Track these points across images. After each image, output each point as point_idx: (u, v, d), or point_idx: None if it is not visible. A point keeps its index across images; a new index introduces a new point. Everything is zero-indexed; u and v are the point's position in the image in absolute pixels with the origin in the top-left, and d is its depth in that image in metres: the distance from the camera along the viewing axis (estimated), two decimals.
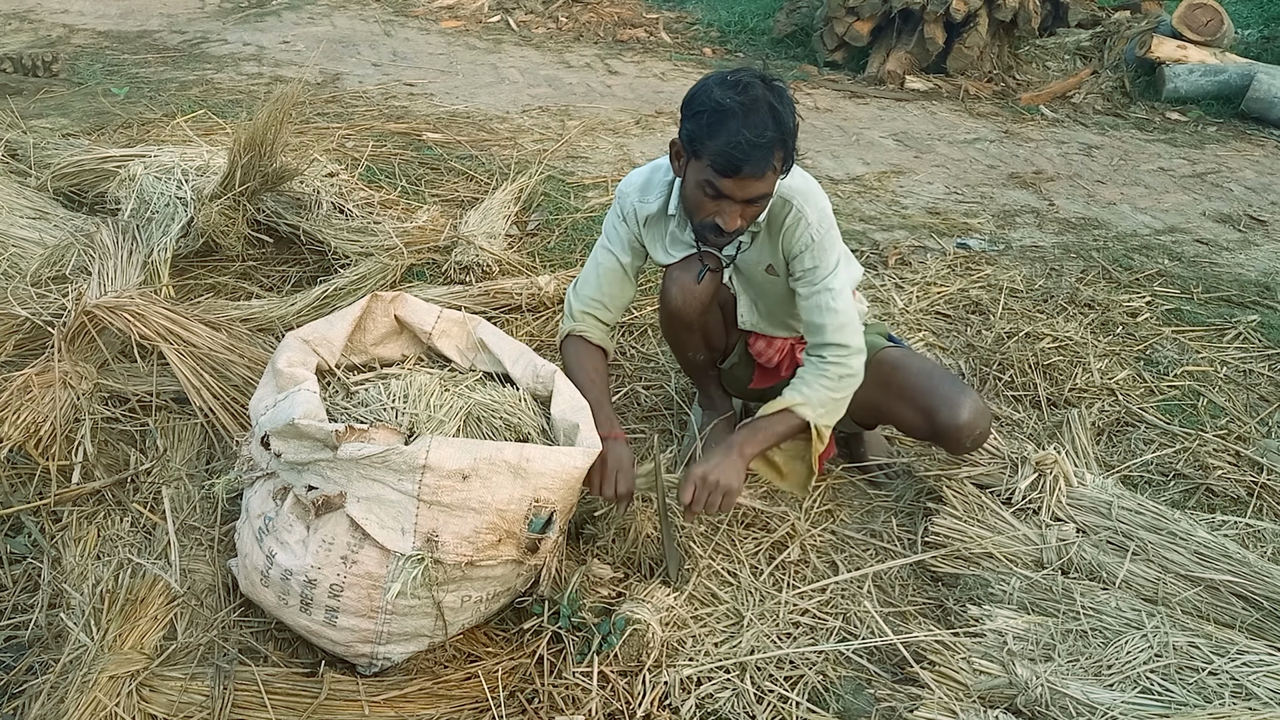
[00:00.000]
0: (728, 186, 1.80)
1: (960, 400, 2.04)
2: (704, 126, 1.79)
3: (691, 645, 1.87)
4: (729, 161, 1.76)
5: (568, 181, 4.01)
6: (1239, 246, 3.81)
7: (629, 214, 2.11)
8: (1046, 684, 1.70)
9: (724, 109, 1.76)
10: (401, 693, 1.72)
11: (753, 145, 1.74)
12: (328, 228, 3.09)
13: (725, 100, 1.76)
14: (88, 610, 1.77)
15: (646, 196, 2.08)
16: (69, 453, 2.17)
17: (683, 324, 2.17)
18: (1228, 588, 1.98)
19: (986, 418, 2.10)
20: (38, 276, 2.69)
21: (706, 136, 1.78)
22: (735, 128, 1.75)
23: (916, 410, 2.08)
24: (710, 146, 1.78)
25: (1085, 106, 5.61)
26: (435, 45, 6.22)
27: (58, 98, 4.73)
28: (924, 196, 4.20)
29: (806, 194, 1.98)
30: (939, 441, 2.14)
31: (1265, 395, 2.80)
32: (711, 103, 1.78)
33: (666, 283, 2.13)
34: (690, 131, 1.82)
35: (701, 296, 2.10)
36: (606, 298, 2.15)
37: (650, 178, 2.10)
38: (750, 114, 1.75)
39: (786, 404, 1.98)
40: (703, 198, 1.85)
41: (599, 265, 2.15)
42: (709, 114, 1.78)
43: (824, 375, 1.98)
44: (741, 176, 1.78)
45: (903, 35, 5.99)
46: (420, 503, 1.66)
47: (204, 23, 6.47)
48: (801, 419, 1.97)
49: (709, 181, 1.81)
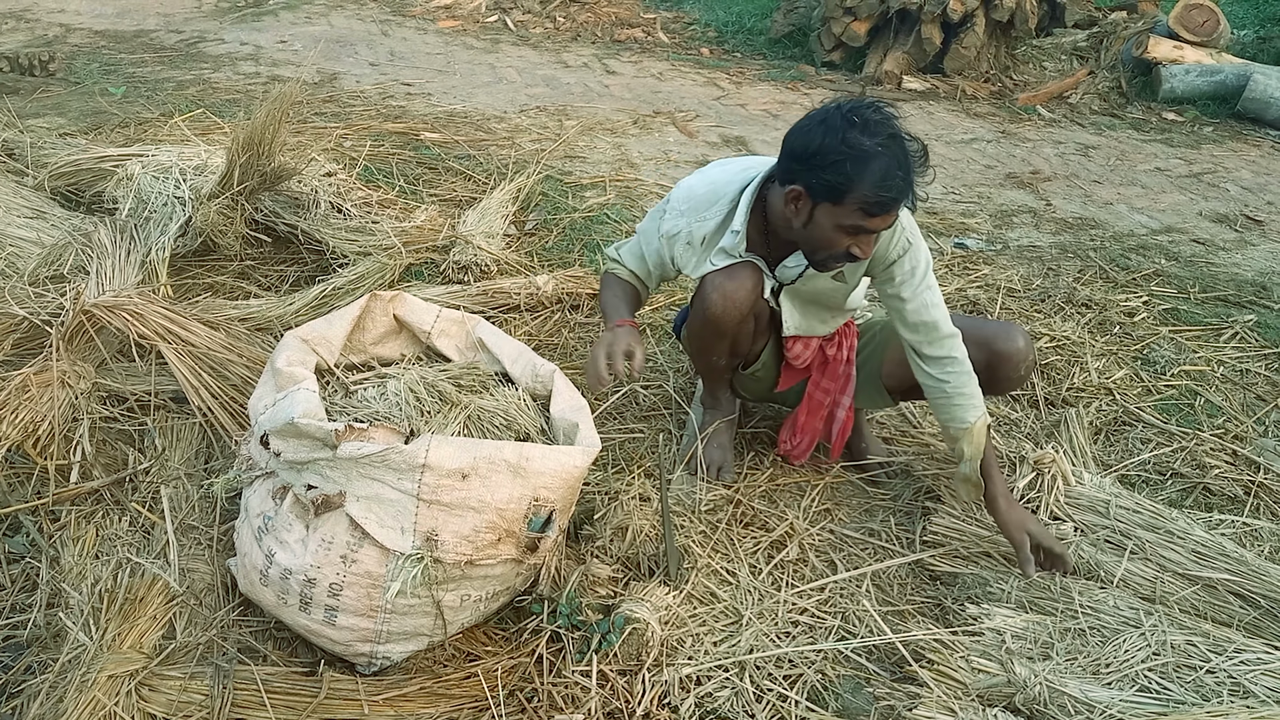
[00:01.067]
0: (876, 223, 1.83)
1: (1012, 331, 2.12)
2: (847, 174, 1.77)
3: (691, 644, 1.87)
4: (883, 204, 1.79)
5: (565, 181, 4.01)
6: (1235, 246, 3.82)
7: (677, 234, 2.10)
8: (1045, 682, 1.71)
9: (869, 154, 1.76)
10: (401, 692, 1.72)
11: (906, 182, 1.78)
12: (326, 227, 3.09)
13: (867, 145, 1.76)
14: (86, 610, 1.77)
15: (704, 215, 2.07)
16: (67, 452, 2.17)
17: (717, 332, 2.13)
18: (1225, 586, 1.99)
19: (1033, 352, 2.17)
20: (35, 276, 2.69)
21: (853, 184, 1.78)
22: (887, 170, 1.76)
23: (973, 343, 2.08)
24: (860, 193, 1.78)
25: (1082, 107, 5.62)
26: (433, 45, 6.22)
27: (54, 97, 4.72)
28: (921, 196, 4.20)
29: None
30: (994, 373, 2.13)
31: (1262, 394, 2.80)
32: (853, 150, 1.76)
33: (707, 289, 2.08)
34: (830, 181, 1.80)
35: (742, 306, 2.07)
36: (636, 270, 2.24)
37: (712, 198, 2.07)
38: (895, 152, 1.77)
39: (978, 423, 2.02)
40: (841, 237, 1.86)
41: (637, 250, 2.22)
42: (852, 161, 1.77)
43: (968, 374, 2.02)
44: (890, 213, 1.82)
45: (900, 35, 6.00)
46: (420, 502, 1.66)
47: (201, 22, 6.47)
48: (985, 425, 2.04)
49: (855, 225, 1.83)
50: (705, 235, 2.07)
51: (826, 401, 2.27)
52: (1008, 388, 2.22)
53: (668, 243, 2.12)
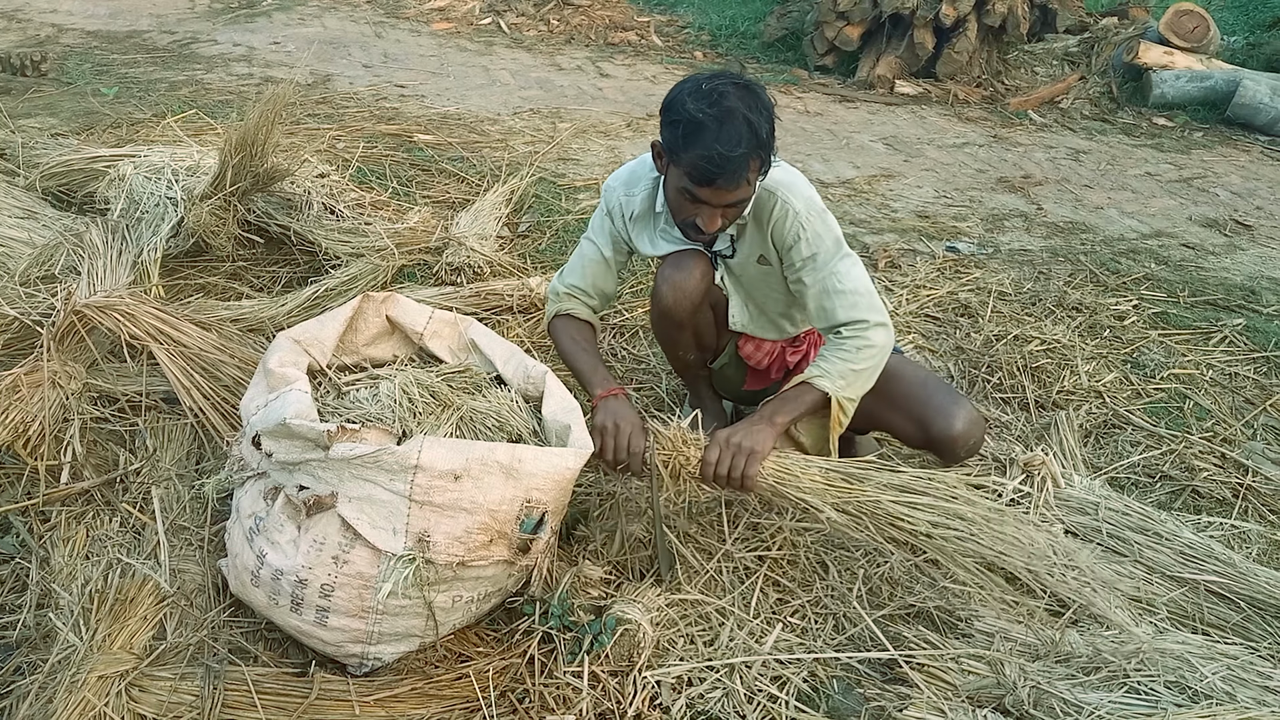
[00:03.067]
0: (704, 194, 1.82)
1: (954, 411, 2.03)
2: (679, 137, 1.79)
3: (682, 645, 1.87)
4: (703, 173, 1.78)
5: (559, 183, 4.01)
6: (1225, 251, 3.84)
7: (614, 209, 2.13)
8: (1034, 684, 1.72)
9: (697, 121, 1.76)
10: (392, 693, 1.72)
11: (725, 158, 1.75)
12: (318, 228, 3.09)
13: (698, 112, 1.76)
14: (76, 610, 1.76)
15: (631, 191, 2.11)
16: (58, 452, 2.16)
17: (674, 323, 2.17)
18: (1213, 588, 2.00)
19: (980, 427, 2.09)
20: (26, 276, 2.68)
21: (681, 147, 1.80)
22: (708, 140, 1.75)
23: (910, 420, 2.08)
24: (685, 157, 1.79)
25: (1073, 112, 5.65)
26: (426, 47, 6.22)
27: (46, 97, 4.71)
28: (913, 200, 4.22)
29: (790, 185, 1.98)
30: (932, 450, 2.13)
31: (1250, 398, 2.82)
32: (685, 113, 1.78)
33: (658, 281, 2.13)
34: (667, 139, 1.84)
35: (693, 295, 2.11)
36: (589, 286, 2.18)
37: (634, 172, 2.12)
38: (724, 125, 1.75)
39: (804, 377, 1.94)
40: (683, 201, 1.88)
41: (583, 256, 2.19)
42: (684, 124, 1.78)
43: (840, 349, 1.94)
44: (716, 187, 1.80)
45: (892, 40, 6.02)
46: (412, 503, 1.66)
47: (194, 23, 6.45)
48: (821, 391, 1.92)
49: (686, 188, 1.84)
50: (634, 210, 2.10)
51: None
52: (951, 462, 2.14)
53: (613, 219, 2.14)
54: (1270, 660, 1.84)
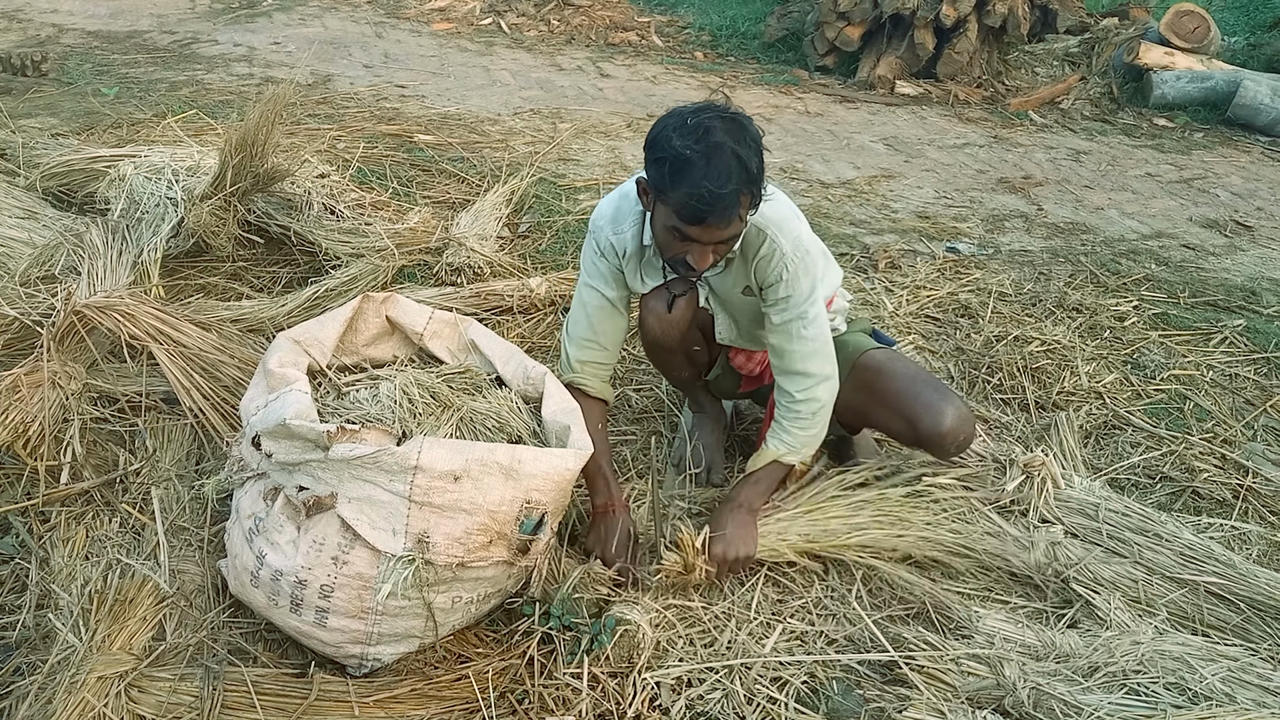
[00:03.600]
0: (695, 232, 1.76)
1: (943, 407, 2.03)
2: (666, 175, 1.73)
3: (682, 646, 1.87)
4: (693, 213, 1.72)
5: (559, 184, 4.01)
6: (1225, 251, 3.84)
7: (605, 248, 2.06)
8: (1034, 685, 1.72)
9: (684, 158, 1.70)
10: (392, 694, 1.72)
11: (716, 197, 1.69)
12: (319, 229, 3.09)
13: (684, 149, 1.70)
14: (76, 611, 1.77)
15: (620, 228, 2.03)
16: (58, 453, 2.16)
17: (665, 350, 2.19)
18: (1213, 589, 2.00)
19: (970, 423, 2.09)
20: (26, 276, 2.68)
21: (669, 186, 1.73)
22: (697, 178, 1.69)
23: (900, 417, 2.08)
24: (673, 196, 1.73)
25: (1073, 112, 5.65)
26: (427, 47, 6.22)
27: (47, 97, 4.71)
28: (914, 201, 4.22)
29: (780, 224, 1.94)
30: (923, 448, 2.14)
31: (1251, 399, 2.82)
32: (672, 151, 1.71)
33: (643, 313, 2.11)
34: (654, 178, 1.78)
35: (679, 324, 2.10)
36: (601, 335, 2.11)
37: (620, 207, 2.04)
38: (712, 162, 1.69)
39: (773, 456, 2.03)
40: (672, 239, 1.81)
41: (586, 305, 2.10)
42: (670, 162, 1.72)
43: (797, 418, 2.01)
44: (707, 225, 1.74)
45: (893, 40, 6.02)
46: (411, 504, 1.66)
47: (194, 23, 6.46)
48: (790, 465, 2.05)
49: (675, 228, 1.78)
50: (625, 247, 2.04)
51: None
52: (942, 458, 2.19)
53: (607, 257, 2.07)
54: (1270, 662, 1.84)
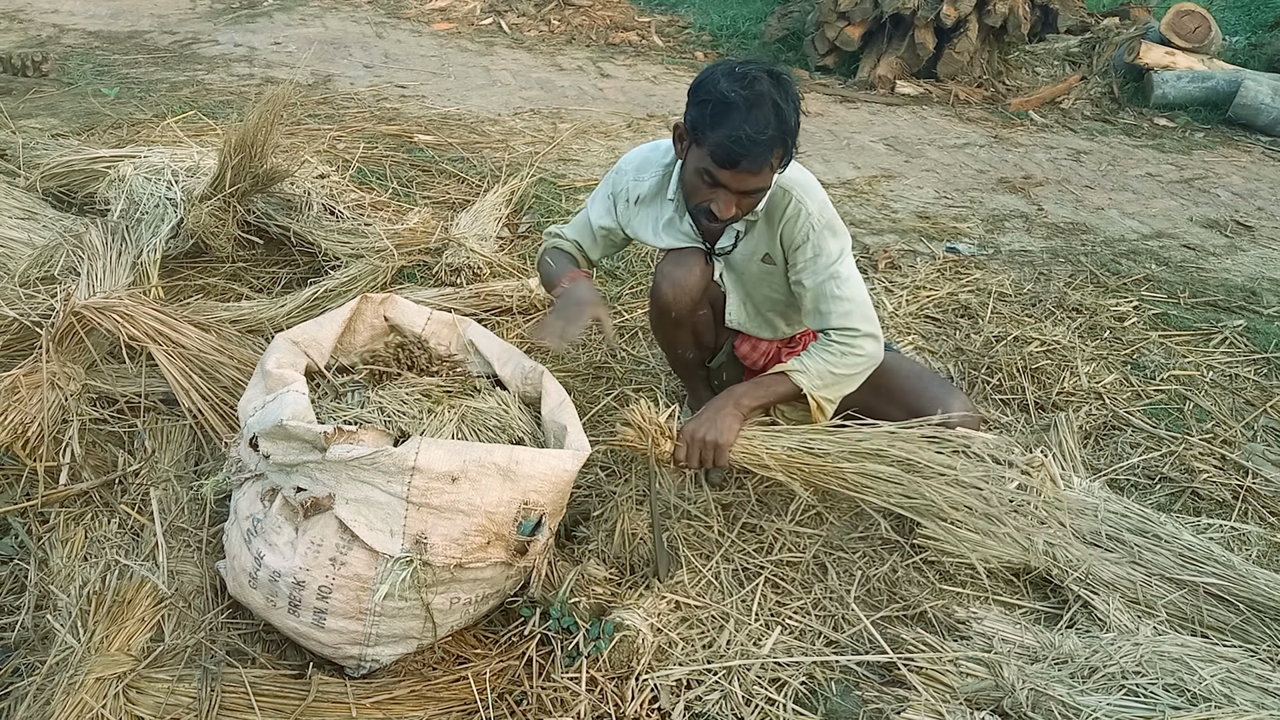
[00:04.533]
0: (725, 177, 1.82)
1: (950, 403, 2.05)
2: (707, 116, 1.79)
3: (680, 648, 1.87)
4: (728, 154, 1.78)
5: (559, 184, 4.01)
6: (1225, 252, 3.84)
7: (619, 192, 2.15)
8: (1032, 687, 1.71)
9: (728, 101, 1.77)
10: (390, 694, 1.72)
11: (752, 141, 1.76)
12: (318, 229, 3.09)
13: (730, 93, 1.77)
14: (74, 612, 1.77)
15: (641, 175, 2.11)
16: (57, 454, 2.16)
17: (673, 321, 2.18)
18: (1212, 590, 1.99)
19: (975, 421, 2.10)
20: (26, 277, 2.68)
21: (708, 126, 1.79)
22: (737, 121, 1.76)
23: (906, 413, 2.08)
24: (711, 137, 1.79)
25: (1074, 112, 5.64)
26: (427, 47, 6.22)
27: (47, 98, 4.71)
28: (914, 201, 4.21)
29: (806, 186, 2.00)
30: None
31: (1251, 399, 2.82)
32: (717, 93, 1.78)
33: (657, 278, 2.14)
34: (694, 118, 1.84)
35: (692, 292, 2.12)
36: (574, 241, 2.24)
37: (649, 156, 2.12)
38: (754, 109, 1.76)
39: (783, 368, 1.99)
40: (700, 184, 1.87)
41: (581, 218, 2.23)
42: (713, 104, 1.78)
43: (825, 349, 1.98)
44: (739, 170, 1.80)
45: (893, 40, 6.02)
46: (409, 504, 1.66)
47: (195, 23, 6.46)
48: (795, 385, 1.97)
49: (707, 170, 1.84)
50: (640, 194, 2.11)
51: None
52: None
53: (615, 203, 2.16)
54: (1269, 663, 1.84)
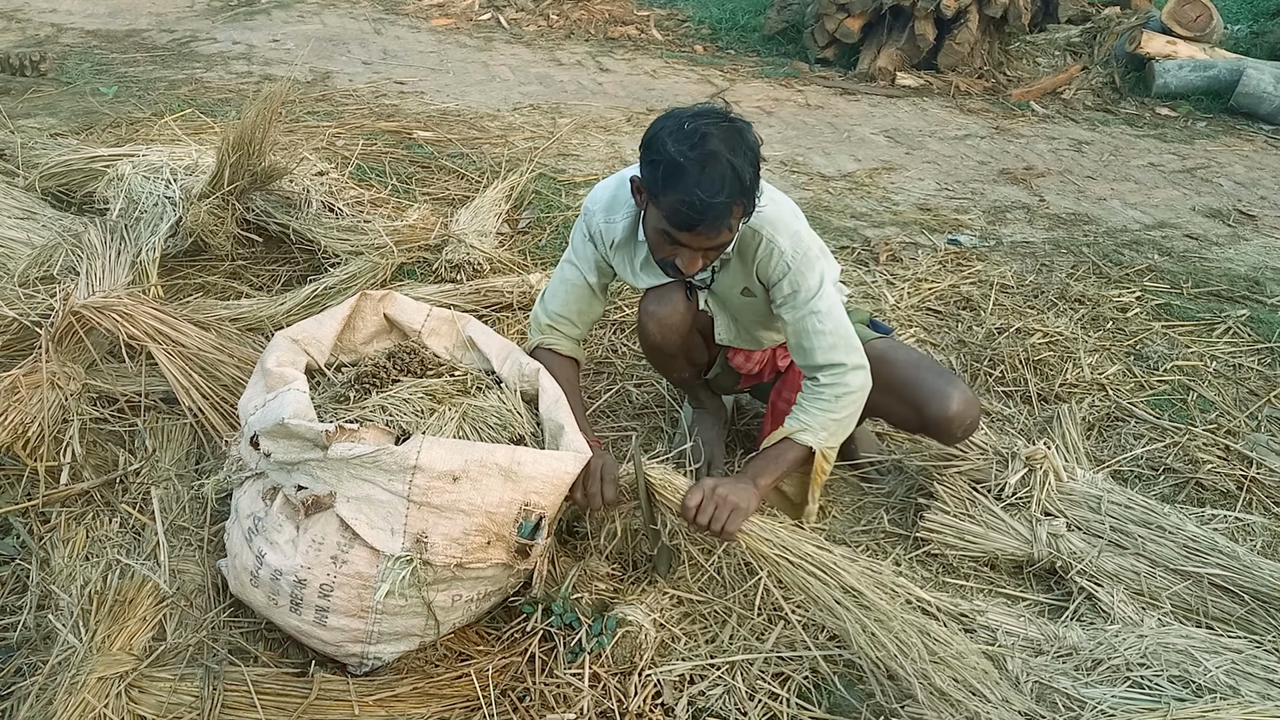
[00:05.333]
0: (684, 239, 1.76)
1: (948, 391, 2.02)
2: (659, 179, 1.72)
3: (683, 644, 1.86)
4: (683, 219, 1.71)
5: (559, 179, 4.00)
6: (1228, 241, 3.82)
7: (595, 234, 2.06)
8: (1036, 679, 1.71)
9: (677, 164, 1.68)
10: (392, 692, 1.72)
11: (706, 206, 1.67)
12: (318, 226, 3.08)
13: (679, 156, 1.68)
14: (76, 611, 1.77)
15: (612, 217, 2.02)
16: (57, 453, 2.16)
17: (664, 354, 2.18)
18: (1217, 581, 1.99)
19: (976, 407, 2.08)
20: (25, 277, 2.68)
21: (661, 190, 1.72)
22: (689, 185, 1.67)
23: (905, 403, 2.07)
24: (664, 201, 1.72)
25: (1075, 102, 5.62)
26: (426, 43, 6.20)
27: (46, 97, 4.70)
28: (915, 193, 4.20)
29: (776, 223, 1.92)
30: (929, 433, 2.13)
31: (1254, 389, 2.81)
32: (666, 155, 1.70)
33: (642, 318, 2.10)
34: (646, 179, 1.77)
35: (678, 328, 2.09)
36: (574, 314, 2.11)
37: (616, 195, 2.02)
38: (705, 170, 1.67)
39: (785, 433, 1.91)
40: (662, 242, 1.81)
41: (566, 281, 2.10)
42: (664, 166, 1.70)
43: (819, 398, 1.91)
44: (696, 233, 1.73)
45: (893, 32, 6.00)
46: (410, 503, 1.66)
47: (193, 21, 6.45)
48: (805, 446, 1.89)
49: (666, 232, 1.77)
50: (614, 239, 2.03)
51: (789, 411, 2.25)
52: (948, 443, 2.17)
53: (595, 244, 2.07)
54: (1274, 654, 1.83)
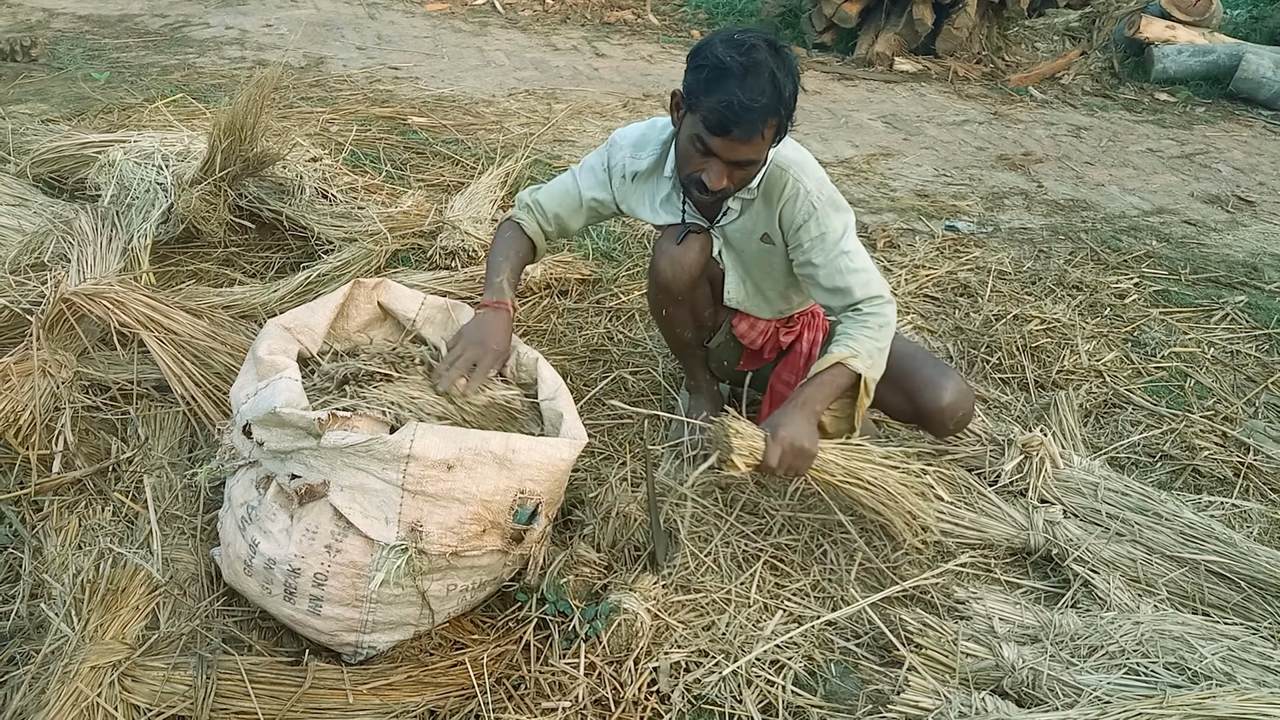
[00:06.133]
0: (716, 145, 1.79)
1: (942, 382, 2.03)
2: (702, 81, 1.77)
3: (679, 632, 1.86)
4: (720, 120, 1.75)
5: (555, 165, 3.98)
6: (1227, 227, 3.81)
7: (615, 166, 2.12)
8: (1032, 666, 1.71)
9: (723, 67, 1.74)
10: (387, 681, 1.71)
11: (745, 108, 1.73)
12: (311, 213, 3.06)
13: (726, 58, 1.74)
14: (69, 600, 1.76)
15: (639, 153, 2.08)
16: (49, 442, 2.15)
17: (671, 298, 2.16)
18: (1213, 568, 1.99)
19: (969, 399, 2.08)
20: (16, 264, 2.65)
21: (702, 92, 1.77)
22: (731, 88, 1.73)
23: (899, 392, 2.07)
24: (704, 103, 1.77)
25: (1074, 88, 5.60)
26: (420, 28, 6.16)
27: (37, 83, 4.66)
28: (912, 179, 4.18)
29: (803, 164, 1.97)
30: (922, 424, 2.13)
31: (1252, 376, 2.80)
32: (713, 59, 1.76)
33: (656, 255, 2.12)
34: (689, 84, 1.82)
35: (691, 269, 2.09)
36: (552, 214, 2.18)
37: (646, 134, 2.09)
38: (748, 76, 1.73)
39: (837, 358, 1.91)
40: (693, 152, 1.85)
41: (563, 185, 2.18)
42: (709, 70, 1.76)
43: (866, 326, 1.93)
44: (730, 138, 1.77)
45: (891, 17, 5.96)
46: (405, 492, 1.65)
47: (186, 6, 6.40)
48: (854, 372, 1.90)
49: (699, 137, 1.81)
50: (638, 171, 2.09)
51: (788, 394, 2.25)
52: (941, 435, 2.20)
53: (611, 176, 2.12)
54: (1271, 641, 1.83)
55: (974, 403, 2.14)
